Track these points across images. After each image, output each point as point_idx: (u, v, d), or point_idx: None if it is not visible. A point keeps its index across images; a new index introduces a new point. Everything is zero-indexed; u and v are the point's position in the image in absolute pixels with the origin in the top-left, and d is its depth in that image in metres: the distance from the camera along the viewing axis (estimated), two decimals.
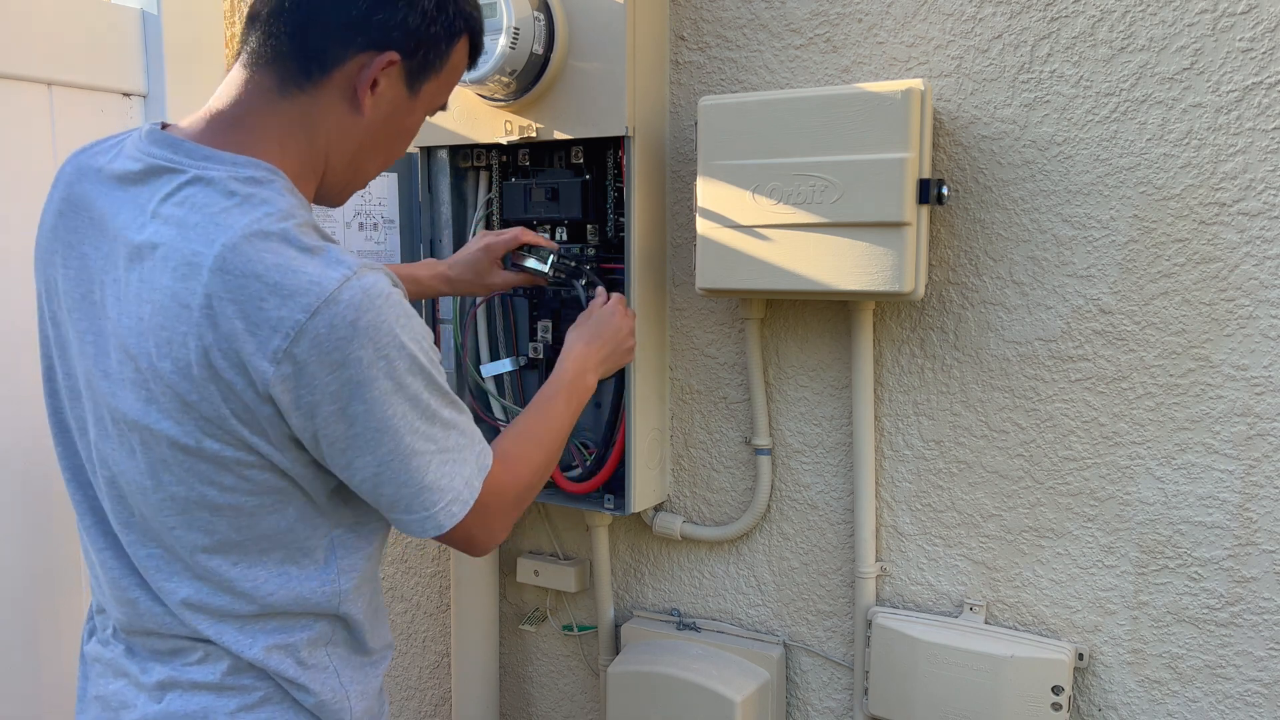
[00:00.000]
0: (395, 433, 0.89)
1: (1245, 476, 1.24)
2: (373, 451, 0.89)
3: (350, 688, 1.01)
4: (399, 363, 0.87)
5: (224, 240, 0.84)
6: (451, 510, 0.95)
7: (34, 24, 1.32)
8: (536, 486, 1.10)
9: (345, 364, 0.84)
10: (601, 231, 1.53)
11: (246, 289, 0.83)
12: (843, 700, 1.54)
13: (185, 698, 0.95)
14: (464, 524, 0.97)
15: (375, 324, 0.85)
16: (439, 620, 1.93)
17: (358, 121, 0.95)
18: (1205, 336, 1.24)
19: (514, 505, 1.05)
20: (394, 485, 0.92)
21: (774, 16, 1.45)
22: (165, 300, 0.85)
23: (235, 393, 0.85)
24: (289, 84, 0.91)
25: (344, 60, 0.91)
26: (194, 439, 0.88)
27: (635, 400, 1.49)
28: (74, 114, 1.39)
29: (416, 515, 0.94)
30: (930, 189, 1.27)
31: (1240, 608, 1.26)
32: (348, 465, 0.90)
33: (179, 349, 0.85)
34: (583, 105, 1.43)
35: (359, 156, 0.98)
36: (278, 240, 0.85)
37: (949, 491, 1.41)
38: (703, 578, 1.63)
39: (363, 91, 0.92)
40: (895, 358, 1.42)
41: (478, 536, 1.01)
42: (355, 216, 1.56)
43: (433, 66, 0.97)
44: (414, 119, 1.01)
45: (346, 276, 0.84)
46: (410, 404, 0.90)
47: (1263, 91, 1.18)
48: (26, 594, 1.38)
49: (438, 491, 0.93)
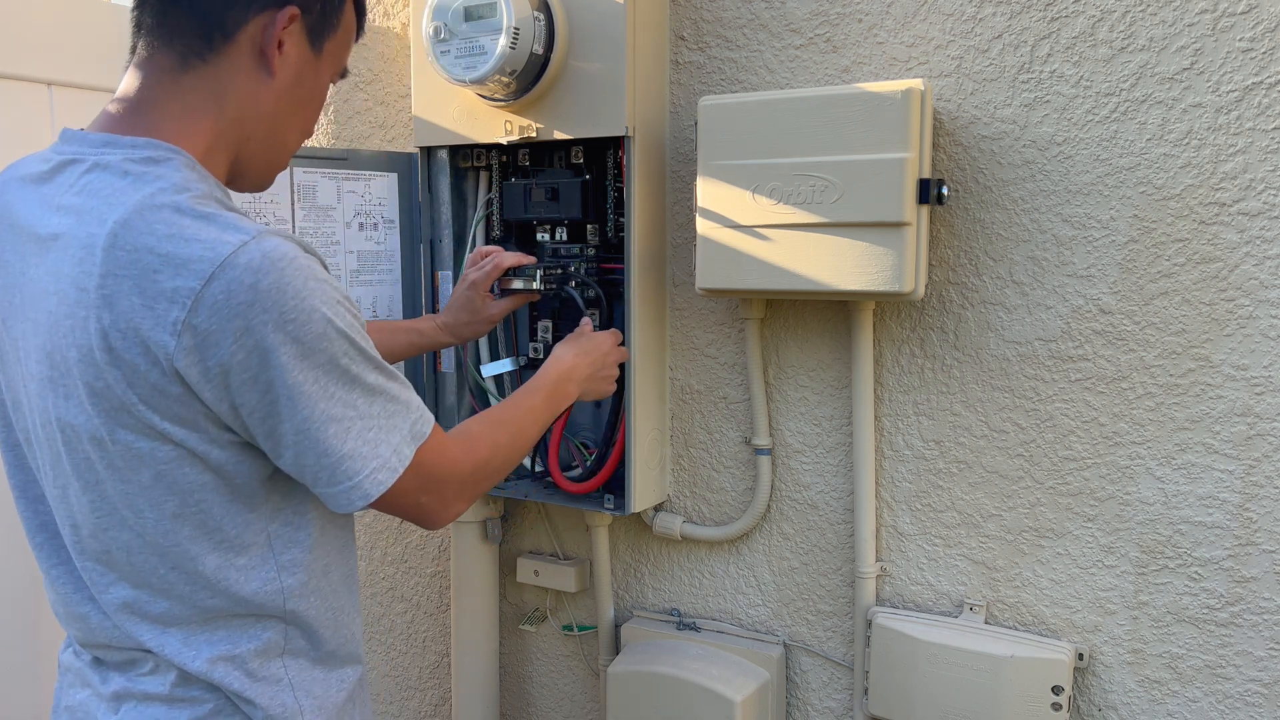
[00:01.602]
0: (309, 399, 0.85)
1: (1245, 476, 1.24)
2: (289, 419, 0.86)
3: (305, 702, 0.98)
4: (308, 327, 0.84)
5: (115, 218, 0.83)
6: (378, 478, 0.90)
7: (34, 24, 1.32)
8: (499, 470, 1.08)
9: (248, 330, 0.81)
10: (601, 231, 1.53)
11: (139, 263, 0.81)
12: (843, 700, 1.54)
13: (139, 709, 0.93)
14: (408, 493, 0.94)
15: (277, 287, 0.82)
16: (439, 620, 1.93)
17: (269, 85, 0.94)
18: (1205, 336, 1.24)
19: (470, 480, 1.03)
20: (314, 455, 0.88)
21: (774, 16, 1.45)
22: (66, 288, 0.84)
23: (139, 374, 0.83)
24: (190, 57, 0.91)
25: (245, 22, 0.91)
26: (107, 430, 0.85)
27: (635, 400, 1.50)
28: (74, 114, 1.39)
29: (341, 487, 0.89)
30: (930, 189, 1.27)
31: (1240, 608, 1.26)
32: (270, 435, 0.87)
33: (80, 334, 0.83)
34: (582, 105, 1.43)
35: (276, 125, 0.97)
36: (170, 210, 0.83)
37: (949, 491, 1.41)
38: (703, 578, 1.63)
39: (271, 51, 0.92)
40: (895, 358, 1.42)
41: (428, 506, 0.98)
42: (355, 217, 1.56)
43: (330, 23, 0.97)
44: (321, 80, 1.00)
45: (244, 241, 0.82)
46: (323, 370, 0.86)
47: (1263, 91, 1.18)
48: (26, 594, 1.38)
49: (359, 459, 0.89)
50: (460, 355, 1.64)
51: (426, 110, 1.56)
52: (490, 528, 1.72)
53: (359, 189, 1.56)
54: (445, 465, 0.99)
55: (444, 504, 1.00)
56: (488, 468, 1.06)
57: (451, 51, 1.41)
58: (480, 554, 1.73)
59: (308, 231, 1.50)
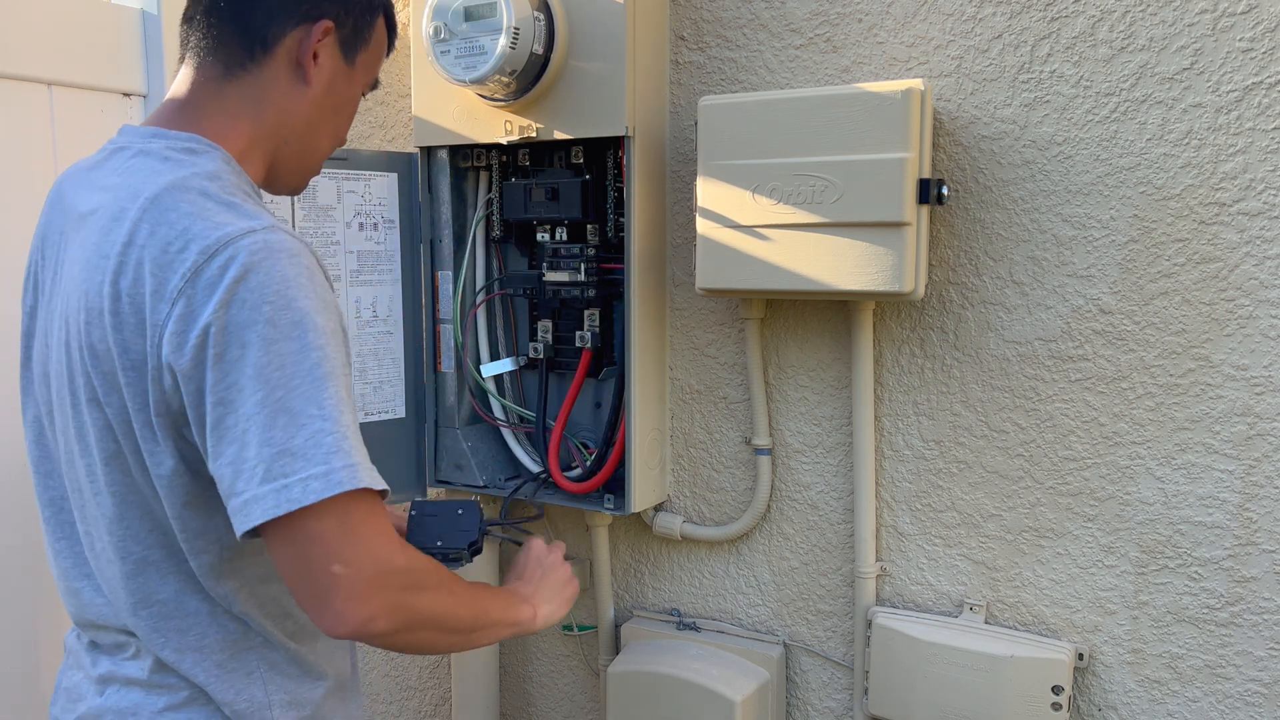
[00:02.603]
0: (267, 384, 0.81)
1: (1245, 476, 1.24)
2: (242, 405, 0.81)
3: (275, 697, 0.97)
4: (286, 314, 0.82)
5: (147, 193, 0.87)
6: (311, 486, 0.80)
7: (34, 24, 1.32)
8: (425, 609, 0.90)
9: (230, 303, 0.82)
10: (601, 231, 1.53)
11: (159, 236, 0.85)
12: (843, 700, 1.54)
13: (121, 693, 0.96)
14: (328, 540, 0.81)
15: (269, 272, 0.83)
16: None
17: (305, 93, 1.00)
18: (1205, 336, 1.24)
19: (395, 577, 0.86)
20: (255, 446, 0.80)
21: (774, 16, 1.45)
22: (91, 255, 0.89)
23: (130, 348, 0.85)
24: (234, 67, 0.97)
25: (284, 35, 0.98)
26: (102, 393, 0.89)
27: (635, 400, 1.49)
28: (74, 114, 1.39)
29: (269, 486, 0.80)
30: (930, 189, 1.27)
31: (1240, 608, 1.26)
32: (217, 427, 0.81)
33: (94, 298, 0.88)
34: (583, 105, 1.43)
35: (310, 131, 1.02)
36: (197, 193, 0.88)
37: (949, 491, 1.41)
38: (703, 578, 1.63)
39: (306, 61, 0.99)
40: (895, 358, 1.42)
41: (341, 578, 0.81)
42: (355, 217, 1.56)
43: (363, 37, 1.04)
44: (354, 90, 1.06)
45: (254, 229, 0.85)
46: (291, 359, 0.82)
47: (1263, 91, 1.18)
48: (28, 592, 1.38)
49: (301, 459, 0.80)
50: (460, 355, 1.64)
51: (426, 110, 1.56)
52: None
53: (359, 189, 1.56)
54: (374, 538, 0.84)
55: (357, 586, 0.82)
56: (418, 586, 0.89)
57: (451, 51, 1.41)
58: (480, 554, 1.73)
59: (308, 231, 1.50)
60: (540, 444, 1.59)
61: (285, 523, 0.81)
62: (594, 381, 1.60)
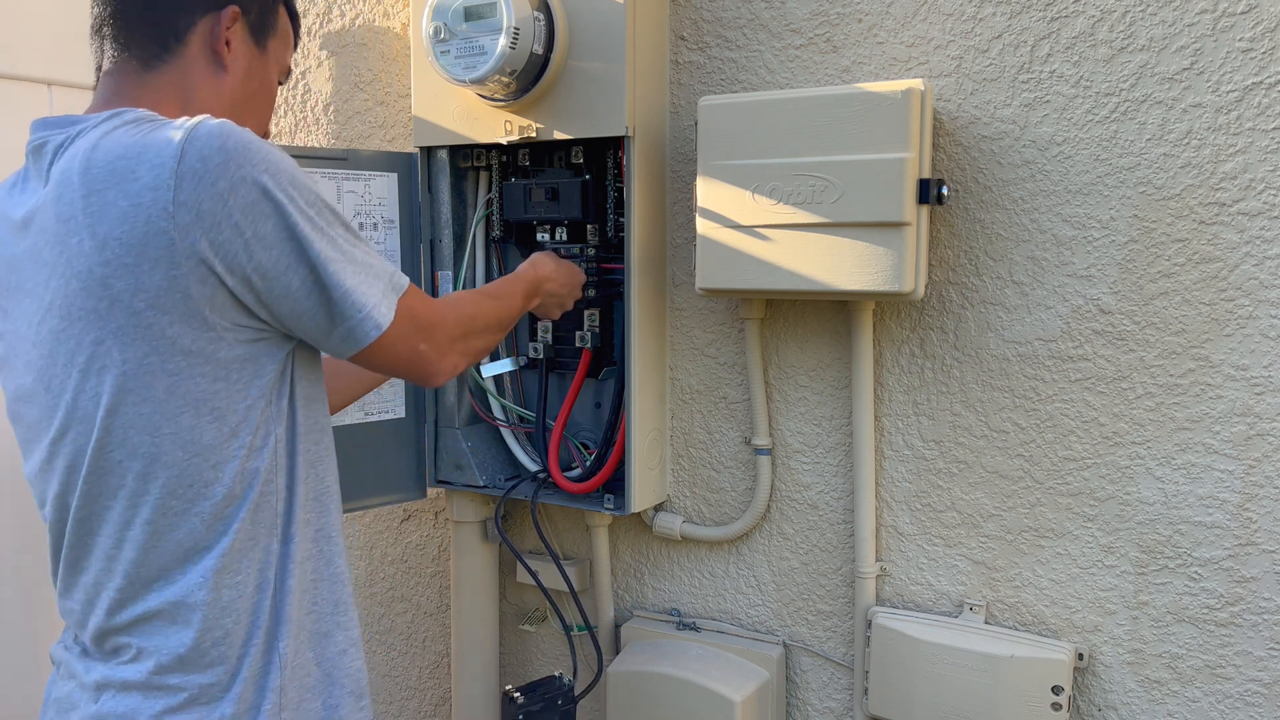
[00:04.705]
0: (311, 240, 0.91)
1: (1245, 476, 1.24)
2: (301, 263, 0.91)
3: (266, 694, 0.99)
4: (284, 171, 0.90)
5: (85, 148, 0.89)
6: (382, 310, 0.97)
7: (34, 24, 1.32)
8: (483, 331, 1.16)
9: (239, 183, 0.87)
10: (601, 231, 1.53)
11: (115, 170, 0.87)
12: (843, 700, 1.54)
13: (117, 699, 0.95)
14: (405, 339, 1.00)
15: (243, 143, 0.88)
16: (439, 620, 1.93)
17: (224, 79, 1.05)
18: (1205, 336, 1.24)
19: (459, 331, 1.10)
20: (326, 295, 0.93)
21: (774, 16, 1.45)
22: (53, 227, 0.90)
23: (143, 277, 0.87)
24: (152, 60, 1.01)
25: (193, 24, 1.02)
26: (119, 350, 0.89)
27: (635, 400, 1.50)
28: None
29: (352, 320, 0.95)
30: (930, 189, 1.27)
31: (1240, 608, 1.26)
32: (286, 294, 0.92)
33: (78, 262, 0.88)
34: (583, 105, 1.43)
35: (235, 116, 1.03)
36: (130, 126, 0.91)
37: (949, 491, 1.41)
38: (703, 578, 1.63)
39: (220, 48, 1.04)
40: (895, 358, 1.42)
41: (427, 354, 1.04)
42: (355, 216, 1.56)
43: (269, 23, 1.09)
44: (269, 76, 1.11)
45: (196, 122, 0.89)
46: (314, 209, 0.93)
47: (1263, 91, 1.18)
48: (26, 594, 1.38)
49: (361, 294, 0.95)
50: None
51: (426, 110, 1.56)
52: (489, 528, 1.72)
53: (359, 189, 1.56)
54: (431, 313, 1.05)
55: (440, 352, 1.06)
56: (474, 323, 1.14)
57: (451, 51, 1.41)
58: (480, 554, 1.73)
59: None
60: (540, 444, 1.59)
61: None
62: (594, 381, 1.60)
